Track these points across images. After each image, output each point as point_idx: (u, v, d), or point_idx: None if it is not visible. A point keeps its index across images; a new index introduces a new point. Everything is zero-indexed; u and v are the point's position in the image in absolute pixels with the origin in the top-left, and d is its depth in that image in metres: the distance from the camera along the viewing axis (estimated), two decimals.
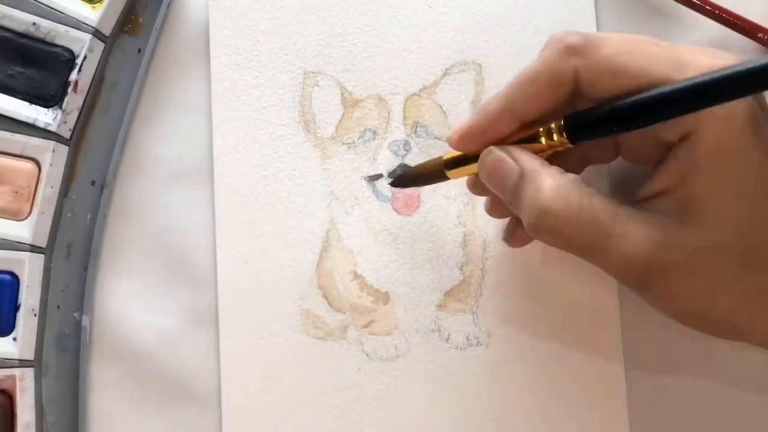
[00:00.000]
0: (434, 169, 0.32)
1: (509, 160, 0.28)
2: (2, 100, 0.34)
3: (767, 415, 0.34)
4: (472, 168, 0.30)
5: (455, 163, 0.31)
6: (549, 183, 0.27)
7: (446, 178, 0.32)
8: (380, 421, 0.34)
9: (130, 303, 0.36)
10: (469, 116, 0.30)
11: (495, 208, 0.33)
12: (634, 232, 0.26)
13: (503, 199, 0.29)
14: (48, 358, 0.35)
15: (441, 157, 0.32)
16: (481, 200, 0.35)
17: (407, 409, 0.34)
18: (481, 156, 0.29)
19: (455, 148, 0.30)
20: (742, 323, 0.28)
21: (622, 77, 0.26)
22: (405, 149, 0.35)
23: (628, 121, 0.26)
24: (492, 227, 0.35)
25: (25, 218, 0.34)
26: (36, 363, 0.34)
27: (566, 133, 0.27)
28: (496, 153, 0.29)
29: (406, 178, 0.34)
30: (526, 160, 0.28)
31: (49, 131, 0.34)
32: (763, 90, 0.24)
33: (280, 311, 0.35)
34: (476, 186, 0.32)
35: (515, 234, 0.34)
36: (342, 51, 0.36)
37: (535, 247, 0.35)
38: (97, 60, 0.35)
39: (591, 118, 0.27)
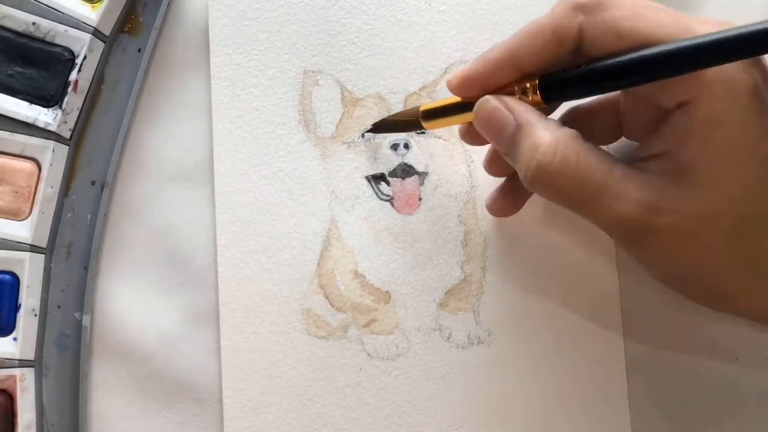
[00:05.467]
0: (411, 119, 0.33)
1: (504, 110, 0.28)
2: (2, 99, 0.34)
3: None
4: (449, 120, 0.31)
5: (432, 114, 0.32)
6: (546, 138, 0.27)
7: (421, 128, 0.33)
8: (381, 420, 0.34)
9: (131, 303, 0.36)
10: (470, 63, 0.30)
11: (493, 166, 0.34)
12: (627, 190, 0.26)
13: (498, 150, 0.29)
14: (48, 358, 0.35)
15: (418, 107, 0.32)
16: (482, 198, 0.35)
17: (409, 408, 0.34)
18: (476, 104, 0.29)
19: (453, 91, 0.30)
20: (728, 291, 0.28)
21: (626, 40, 0.26)
22: (405, 148, 0.35)
23: (598, 82, 0.27)
24: (493, 226, 0.35)
25: (26, 218, 0.34)
26: (36, 363, 0.34)
27: (540, 92, 0.28)
28: (491, 102, 0.29)
29: (383, 124, 0.35)
30: (522, 111, 0.28)
31: (49, 131, 0.34)
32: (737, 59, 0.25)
33: (281, 311, 0.35)
34: (468, 135, 0.32)
35: (506, 194, 0.34)
36: (342, 50, 0.36)
37: (537, 246, 0.35)
38: (97, 60, 0.35)
39: (565, 78, 0.28)
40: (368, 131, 0.35)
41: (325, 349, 0.35)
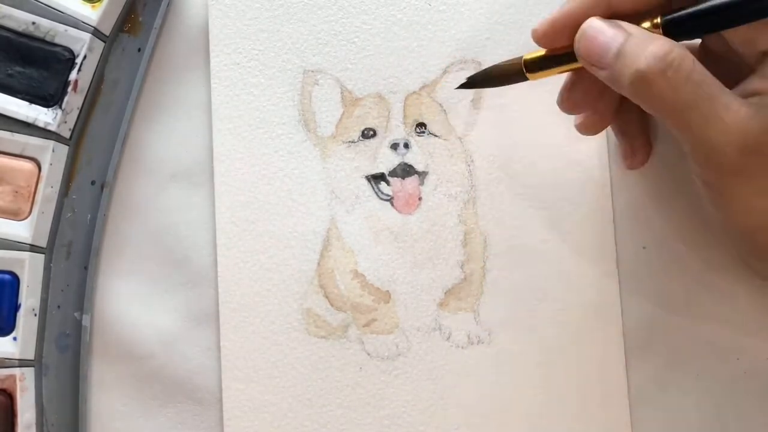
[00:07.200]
0: (513, 70, 0.30)
1: (613, 26, 0.27)
2: (2, 99, 0.34)
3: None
4: (555, 71, 0.29)
5: (537, 64, 0.30)
6: (660, 40, 0.26)
7: (525, 79, 0.30)
8: (381, 420, 0.34)
9: (131, 302, 0.36)
10: (557, 8, 0.28)
11: (588, 125, 0.32)
12: (738, 106, 0.25)
13: (598, 73, 0.27)
14: (48, 357, 0.35)
15: (521, 57, 0.30)
16: (482, 199, 0.35)
17: (408, 407, 0.34)
18: (580, 28, 0.27)
19: (538, 42, 0.29)
20: None
21: None
22: (405, 147, 0.35)
23: (723, 18, 0.26)
24: (493, 226, 0.35)
25: (25, 218, 0.34)
26: (36, 363, 0.34)
27: (663, 32, 0.27)
28: (596, 22, 0.27)
29: (482, 77, 0.32)
30: (632, 26, 0.27)
31: (49, 131, 0.34)
32: None
33: (281, 310, 0.35)
34: (568, 101, 0.31)
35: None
36: (341, 49, 0.36)
37: (537, 246, 0.35)
38: (97, 59, 0.35)
39: (688, 15, 0.27)
40: (462, 86, 0.33)
41: (325, 348, 0.35)
